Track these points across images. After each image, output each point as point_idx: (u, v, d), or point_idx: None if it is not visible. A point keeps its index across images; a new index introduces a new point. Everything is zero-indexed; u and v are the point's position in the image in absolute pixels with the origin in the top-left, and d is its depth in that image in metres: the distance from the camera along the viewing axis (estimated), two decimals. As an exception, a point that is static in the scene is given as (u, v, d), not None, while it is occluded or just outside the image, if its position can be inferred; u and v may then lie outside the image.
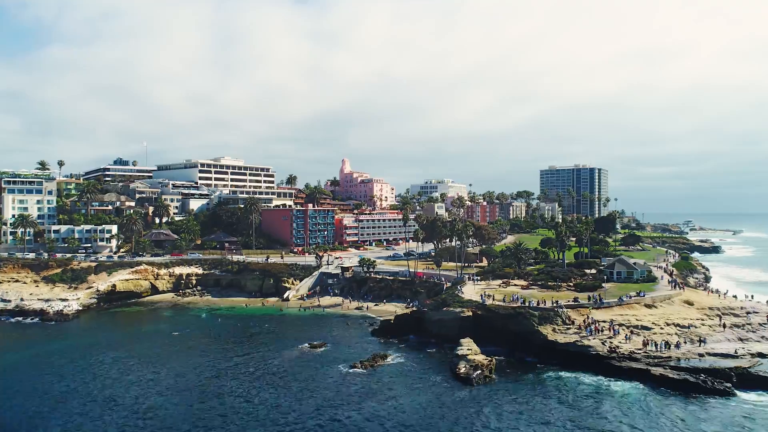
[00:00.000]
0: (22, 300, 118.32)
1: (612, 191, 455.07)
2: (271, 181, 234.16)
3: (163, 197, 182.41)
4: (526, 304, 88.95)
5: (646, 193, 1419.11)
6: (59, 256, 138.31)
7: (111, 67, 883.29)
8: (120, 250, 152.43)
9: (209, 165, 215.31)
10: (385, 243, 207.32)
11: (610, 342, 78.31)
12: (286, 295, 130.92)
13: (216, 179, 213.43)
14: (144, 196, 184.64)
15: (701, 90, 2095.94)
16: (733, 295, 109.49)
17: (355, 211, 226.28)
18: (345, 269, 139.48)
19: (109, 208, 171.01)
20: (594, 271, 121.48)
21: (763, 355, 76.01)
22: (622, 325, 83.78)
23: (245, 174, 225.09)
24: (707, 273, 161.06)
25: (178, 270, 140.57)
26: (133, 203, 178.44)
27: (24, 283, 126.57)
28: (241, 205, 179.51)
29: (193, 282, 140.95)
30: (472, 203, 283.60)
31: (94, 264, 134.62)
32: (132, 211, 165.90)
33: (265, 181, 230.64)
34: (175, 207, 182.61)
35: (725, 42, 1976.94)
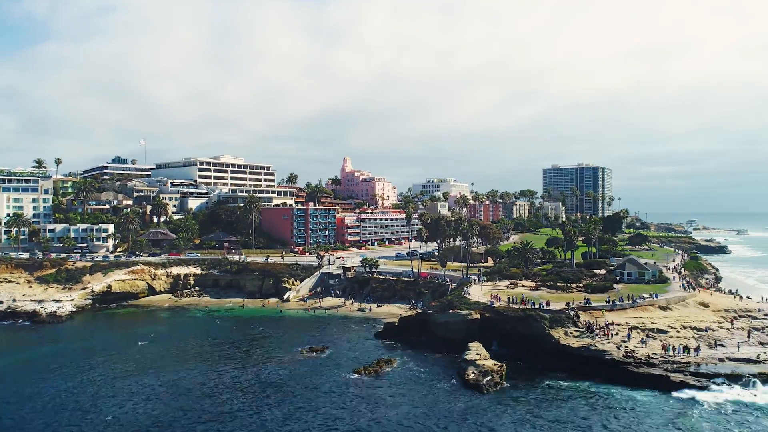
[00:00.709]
0: (14, 301, 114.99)
1: (615, 191, 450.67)
2: (272, 180, 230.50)
3: (162, 196, 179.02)
4: (536, 305, 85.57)
5: (647, 193, 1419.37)
6: (54, 255, 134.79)
7: (108, 63, 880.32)
8: (117, 250, 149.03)
9: (208, 163, 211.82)
10: (387, 242, 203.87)
11: (626, 346, 74.93)
12: (286, 296, 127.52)
13: (215, 178, 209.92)
14: (142, 194, 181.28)
15: (704, 88, 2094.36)
16: (747, 296, 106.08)
17: (357, 210, 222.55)
18: (347, 269, 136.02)
19: (106, 207, 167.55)
20: (603, 272, 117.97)
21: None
22: (636, 328, 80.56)
23: (245, 172, 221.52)
24: (717, 273, 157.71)
25: (175, 270, 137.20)
26: (130, 202, 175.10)
27: (17, 283, 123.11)
28: (241, 204, 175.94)
29: (191, 282, 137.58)
30: (475, 202, 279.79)
31: (90, 264, 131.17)
32: (129, 210, 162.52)
33: (265, 179, 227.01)
34: (174, 206, 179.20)
35: (732, 40, 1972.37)
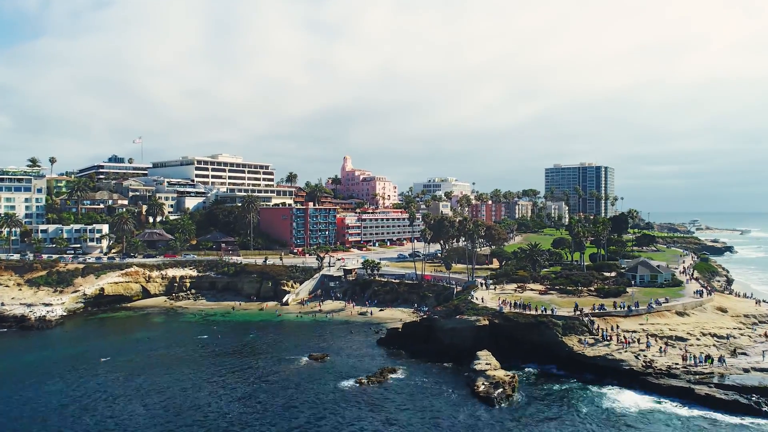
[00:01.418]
0: (2, 305, 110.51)
1: (616, 190, 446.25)
2: (271, 179, 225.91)
3: (158, 195, 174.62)
4: (547, 311, 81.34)
5: (648, 192, 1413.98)
6: (45, 257, 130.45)
7: (103, 60, 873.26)
8: (111, 251, 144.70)
9: (206, 162, 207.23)
10: (388, 243, 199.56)
11: (644, 355, 70.79)
12: (285, 299, 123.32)
13: (213, 177, 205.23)
14: (138, 194, 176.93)
15: (708, 86, 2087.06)
16: (763, 300, 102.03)
17: (358, 210, 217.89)
18: (348, 272, 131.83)
19: (101, 206, 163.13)
20: (614, 274, 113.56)
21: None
22: (654, 336, 76.48)
23: (243, 171, 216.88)
24: (728, 275, 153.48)
25: (171, 272, 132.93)
26: (126, 202, 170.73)
27: (6, 286, 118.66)
28: (239, 204, 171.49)
29: (187, 285, 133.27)
30: (478, 202, 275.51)
31: (82, 266, 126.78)
32: (124, 209, 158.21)
33: (264, 179, 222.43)
34: (170, 206, 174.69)
35: (738, 36, 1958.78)
